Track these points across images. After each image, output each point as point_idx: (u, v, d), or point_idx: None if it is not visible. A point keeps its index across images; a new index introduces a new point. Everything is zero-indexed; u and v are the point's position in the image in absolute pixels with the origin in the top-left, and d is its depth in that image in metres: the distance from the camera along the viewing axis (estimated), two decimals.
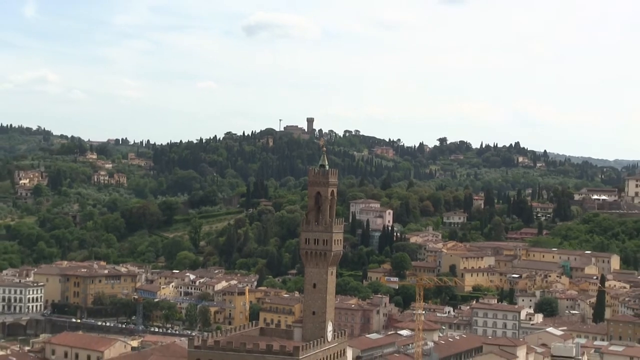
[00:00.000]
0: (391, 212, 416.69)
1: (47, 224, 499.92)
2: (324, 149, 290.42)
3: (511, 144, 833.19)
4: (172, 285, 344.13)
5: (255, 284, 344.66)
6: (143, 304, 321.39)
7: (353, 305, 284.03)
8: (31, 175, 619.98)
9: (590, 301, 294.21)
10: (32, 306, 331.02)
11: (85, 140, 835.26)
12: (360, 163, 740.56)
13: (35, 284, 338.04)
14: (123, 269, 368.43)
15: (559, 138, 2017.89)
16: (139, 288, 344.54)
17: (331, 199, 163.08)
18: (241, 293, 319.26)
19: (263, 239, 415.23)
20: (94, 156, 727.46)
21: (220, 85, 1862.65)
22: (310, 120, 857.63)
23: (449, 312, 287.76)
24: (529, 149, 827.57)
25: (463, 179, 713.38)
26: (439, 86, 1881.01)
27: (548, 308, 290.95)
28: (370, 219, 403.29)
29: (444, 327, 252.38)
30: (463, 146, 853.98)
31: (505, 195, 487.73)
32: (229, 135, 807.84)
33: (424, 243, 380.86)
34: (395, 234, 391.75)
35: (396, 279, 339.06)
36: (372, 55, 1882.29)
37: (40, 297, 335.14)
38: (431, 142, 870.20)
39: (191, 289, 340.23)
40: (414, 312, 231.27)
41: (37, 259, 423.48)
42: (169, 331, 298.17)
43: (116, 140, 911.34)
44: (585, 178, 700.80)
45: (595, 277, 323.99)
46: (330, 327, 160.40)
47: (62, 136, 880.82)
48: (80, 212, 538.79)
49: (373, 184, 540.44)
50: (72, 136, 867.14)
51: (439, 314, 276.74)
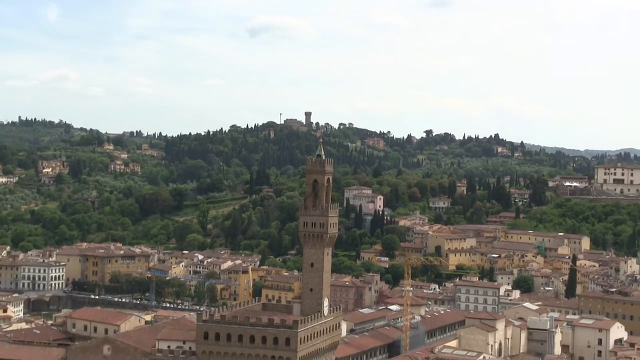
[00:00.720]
0: (382, 198, 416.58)
1: (68, 209, 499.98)
2: (321, 140, 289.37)
3: (491, 136, 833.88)
4: (182, 265, 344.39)
5: (258, 263, 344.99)
6: (155, 281, 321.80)
7: (347, 283, 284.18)
8: (53, 165, 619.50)
9: (562, 279, 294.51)
10: (55, 284, 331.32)
11: (103, 132, 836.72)
12: (354, 153, 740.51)
13: (57, 264, 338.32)
14: (137, 250, 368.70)
15: (535, 130, 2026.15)
16: (152, 267, 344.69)
17: (327, 186, 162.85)
18: (245, 272, 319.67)
19: (265, 223, 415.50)
20: (111, 147, 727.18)
21: (226, 82, 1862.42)
22: (308, 114, 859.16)
23: (434, 289, 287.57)
24: (507, 140, 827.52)
25: (447, 167, 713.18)
26: (425, 83, 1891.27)
27: (524, 285, 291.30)
28: (362, 204, 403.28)
29: (429, 303, 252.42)
30: (447, 138, 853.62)
31: (486, 182, 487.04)
32: (233, 127, 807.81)
33: (412, 226, 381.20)
34: (385, 217, 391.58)
35: (386, 259, 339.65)
36: (365, 54, 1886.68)
37: (62, 276, 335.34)
38: (418, 134, 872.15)
39: (199, 268, 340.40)
40: (403, 289, 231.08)
41: (59, 241, 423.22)
42: (179, 307, 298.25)
43: (131, 133, 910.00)
44: (559, 167, 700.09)
45: (567, 257, 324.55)
46: (326, 303, 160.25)
47: (82, 129, 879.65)
48: (98, 198, 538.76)
49: (365, 172, 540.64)
50: (91, 129, 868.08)
51: (425, 291, 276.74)
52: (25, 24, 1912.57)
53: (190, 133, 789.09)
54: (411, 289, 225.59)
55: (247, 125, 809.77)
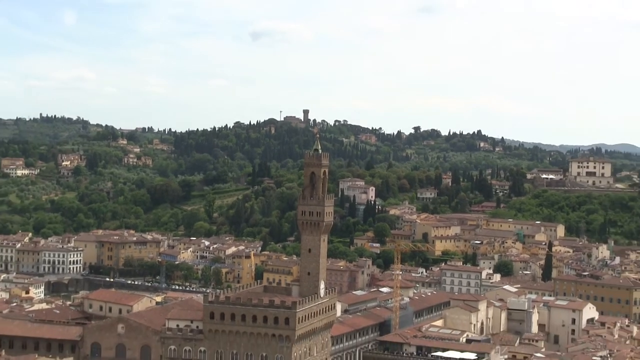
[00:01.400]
0: (373, 189, 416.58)
1: (85, 199, 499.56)
2: (317, 136, 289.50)
3: (474, 132, 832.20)
4: (190, 250, 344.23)
5: (260, 249, 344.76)
6: (165, 266, 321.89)
7: (342, 267, 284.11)
8: (72, 158, 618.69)
9: (539, 263, 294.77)
10: (73, 268, 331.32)
11: (117, 128, 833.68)
12: (348, 148, 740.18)
13: (75, 249, 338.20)
14: (149, 237, 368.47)
15: (514, 126, 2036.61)
16: (162, 252, 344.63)
17: (323, 178, 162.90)
18: (248, 257, 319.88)
19: (266, 211, 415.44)
20: (125, 142, 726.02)
21: (230, 82, 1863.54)
22: (305, 112, 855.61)
23: (421, 273, 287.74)
24: (488, 136, 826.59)
25: (434, 161, 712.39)
26: (414, 83, 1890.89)
27: (505, 269, 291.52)
28: (356, 195, 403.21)
29: (417, 285, 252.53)
30: (434, 133, 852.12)
31: (469, 174, 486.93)
32: (237, 124, 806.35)
33: (401, 215, 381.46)
34: (377, 207, 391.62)
35: (378, 245, 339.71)
36: (358, 56, 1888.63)
37: (80, 260, 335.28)
38: (407, 130, 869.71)
39: (206, 253, 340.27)
40: (393, 273, 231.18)
41: (77, 228, 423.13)
42: (188, 289, 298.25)
43: (143, 129, 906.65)
44: (536, 160, 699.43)
45: (544, 243, 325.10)
46: (322, 285, 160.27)
47: (98, 125, 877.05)
48: (113, 189, 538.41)
49: (358, 165, 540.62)
50: (106, 125, 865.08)
51: (413, 274, 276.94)
52: (45, 28, 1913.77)
53: (197, 129, 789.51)
54: (400, 272, 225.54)
55: (250, 122, 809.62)
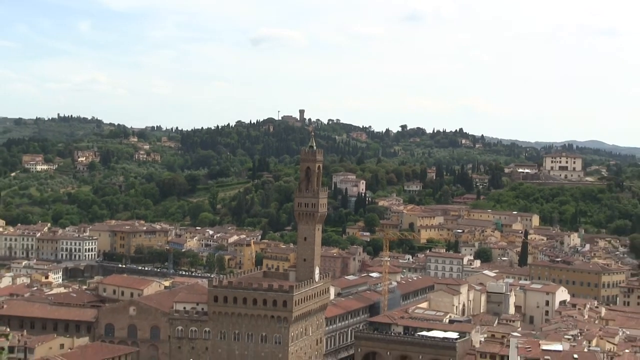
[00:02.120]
0: (364, 182, 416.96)
1: (99, 192, 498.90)
2: (312, 133, 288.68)
3: (456, 130, 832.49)
4: (196, 239, 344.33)
5: (260, 237, 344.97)
6: (173, 253, 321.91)
7: (335, 254, 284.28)
8: (87, 154, 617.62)
9: (516, 250, 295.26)
10: (88, 255, 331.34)
11: (128, 127, 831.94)
12: (340, 144, 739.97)
13: (90, 238, 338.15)
14: (158, 226, 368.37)
15: (493, 125, 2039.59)
16: (170, 241, 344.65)
17: (318, 172, 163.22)
18: (248, 245, 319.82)
19: (265, 203, 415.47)
20: (135, 139, 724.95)
21: (232, 84, 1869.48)
22: (301, 111, 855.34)
23: (408, 259, 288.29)
24: (470, 134, 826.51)
25: (419, 156, 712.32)
26: (401, 84, 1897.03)
27: (484, 255, 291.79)
28: (348, 188, 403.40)
29: (404, 271, 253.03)
30: (419, 131, 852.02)
31: (452, 169, 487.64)
32: (238, 123, 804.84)
33: (390, 206, 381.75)
34: (367, 199, 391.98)
35: (368, 234, 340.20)
36: (349, 60, 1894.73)
37: (94, 248, 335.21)
38: (395, 128, 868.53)
39: (210, 241, 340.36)
40: (382, 259, 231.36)
41: (92, 219, 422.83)
42: (193, 274, 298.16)
43: (152, 127, 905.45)
44: (513, 156, 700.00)
45: (520, 232, 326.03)
46: (317, 271, 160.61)
47: (111, 124, 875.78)
48: (125, 183, 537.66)
49: (350, 160, 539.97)
50: (118, 124, 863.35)
51: (400, 261, 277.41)
52: (62, 35, 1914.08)
53: (202, 127, 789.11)
54: (389, 259, 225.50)
55: (250, 121, 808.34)
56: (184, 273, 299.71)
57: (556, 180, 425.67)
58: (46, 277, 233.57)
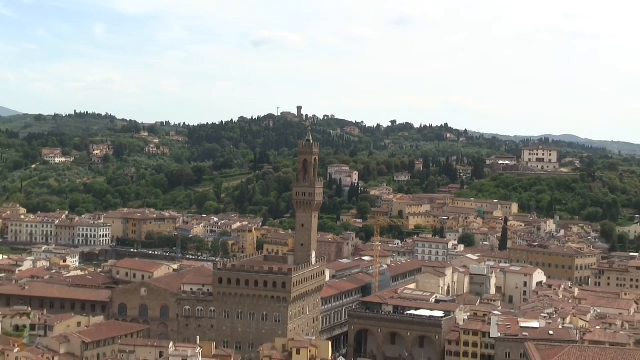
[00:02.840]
0: (357, 173, 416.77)
1: (113, 182, 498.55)
2: (309, 128, 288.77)
3: (442, 125, 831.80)
4: (202, 225, 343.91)
5: (261, 224, 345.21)
6: (181, 238, 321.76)
7: (330, 239, 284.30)
8: (101, 148, 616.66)
9: (497, 235, 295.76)
10: (103, 240, 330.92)
11: (140, 122, 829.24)
12: (335, 138, 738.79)
13: (104, 225, 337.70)
14: (166, 214, 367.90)
15: (476, 120, 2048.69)
16: (178, 227, 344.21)
17: (314, 164, 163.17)
18: (250, 231, 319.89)
19: (266, 192, 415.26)
20: (146, 134, 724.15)
21: (235, 83, 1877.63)
22: (299, 108, 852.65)
23: (397, 244, 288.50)
24: (454, 128, 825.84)
25: (408, 149, 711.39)
26: (390, 82, 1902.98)
27: (467, 240, 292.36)
28: (342, 178, 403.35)
29: (394, 254, 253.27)
30: (408, 126, 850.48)
31: (438, 161, 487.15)
32: (241, 118, 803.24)
33: (380, 195, 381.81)
34: (359, 188, 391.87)
35: (360, 221, 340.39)
36: (344, 61, 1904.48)
37: (108, 234, 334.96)
38: (385, 123, 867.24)
39: (215, 228, 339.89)
40: (373, 244, 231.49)
41: (106, 207, 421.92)
42: (200, 258, 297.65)
43: (161, 122, 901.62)
44: (494, 149, 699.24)
45: (500, 219, 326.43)
46: (314, 255, 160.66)
47: (123, 119, 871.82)
48: (136, 174, 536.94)
49: (344, 153, 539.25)
50: (130, 119, 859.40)
51: (390, 245, 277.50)
52: (79, 38, 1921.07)
53: (207, 123, 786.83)
54: (379, 244, 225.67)
55: (252, 117, 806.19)
56: (190, 257, 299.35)
57: (533, 171, 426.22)
58: (64, 261, 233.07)
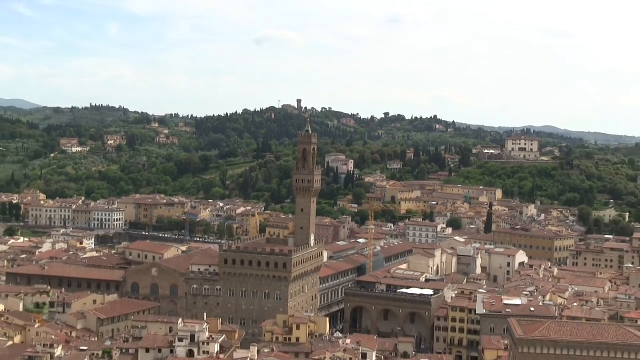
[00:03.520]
0: (352, 162, 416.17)
1: (126, 170, 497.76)
2: (308, 120, 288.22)
3: (431, 116, 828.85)
4: (208, 210, 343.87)
5: (263, 209, 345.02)
6: (189, 222, 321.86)
7: (327, 223, 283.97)
8: (115, 138, 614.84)
9: (482, 219, 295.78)
10: (117, 224, 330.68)
11: (151, 114, 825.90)
12: (332, 129, 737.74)
13: (118, 210, 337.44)
14: (176, 200, 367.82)
15: (463, 112, 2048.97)
16: (186, 212, 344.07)
17: (313, 153, 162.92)
18: (254, 215, 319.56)
19: (268, 179, 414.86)
20: (156, 125, 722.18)
21: (239, 78, 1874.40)
22: (299, 101, 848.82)
23: (390, 227, 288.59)
24: (443, 120, 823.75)
25: (400, 139, 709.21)
26: (384, 77, 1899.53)
27: (455, 224, 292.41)
28: (338, 166, 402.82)
29: (387, 237, 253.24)
30: (400, 118, 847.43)
31: (428, 150, 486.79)
32: (245, 111, 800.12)
33: (374, 182, 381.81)
34: (355, 176, 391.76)
35: (356, 206, 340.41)
36: (341, 57, 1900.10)
37: (122, 218, 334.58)
38: (379, 115, 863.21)
39: (221, 212, 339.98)
40: (368, 227, 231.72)
41: (119, 193, 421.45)
42: (207, 240, 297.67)
43: (171, 115, 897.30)
44: (480, 139, 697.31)
45: (486, 204, 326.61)
46: (312, 237, 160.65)
47: (135, 112, 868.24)
48: (147, 162, 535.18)
49: (340, 143, 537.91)
50: (142, 112, 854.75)
51: (384, 228, 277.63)
52: (94, 37, 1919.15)
53: (213, 115, 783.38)
54: (373, 227, 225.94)
55: (255, 109, 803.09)
56: (198, 240, 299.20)
57: (516, 159, 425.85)
58: (81, 243, 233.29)
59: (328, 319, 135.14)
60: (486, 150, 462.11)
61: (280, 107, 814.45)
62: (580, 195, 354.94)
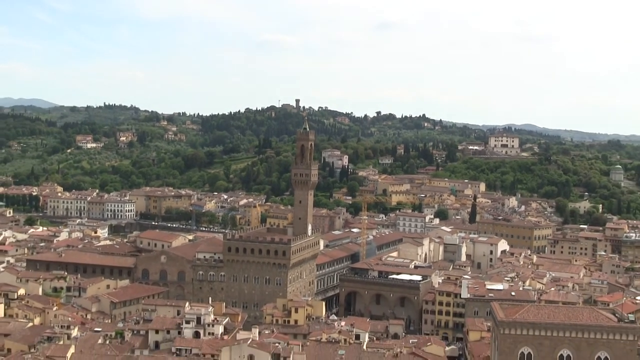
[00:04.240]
0: (347, 157, 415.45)
1: (137, 164, 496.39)
2: (306, 118, 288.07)
3: (420, 115, 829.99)
4: (213, 202, 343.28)
5: (264, 200, 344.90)
6: (195, 213, 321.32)
7: (324, 214, 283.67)
8: (127, 135, 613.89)
9: (467, 210, 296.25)
10: (128, 214, 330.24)
11: (160, 113, 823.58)
12: (328, 127, 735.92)
13: (129, 201, 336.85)
14: (183, 192, 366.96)
15: (449, 111, 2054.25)
16: (193, 204, 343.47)
17: (310, 149, 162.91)
18: (255, 206, 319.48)
19: (269, 173, 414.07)
20: (165, 123, 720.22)
21: (242, 79, 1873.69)
22: (297, 100, 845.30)
23: (382, 218, 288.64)
24: (431, 118, 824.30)
25: (391, 136, 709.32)
26: (375, 79, 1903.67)
27: (442, 215, 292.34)
28: (334, 161, 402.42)
29: (379, 227, 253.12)
30: (391, 116, 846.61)
31: (417, 146, 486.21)
32: (247, 109, 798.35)
33: (367, 175, 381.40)
34: (349, 170, 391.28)
35: (350, 198, 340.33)
36: (335, 60, 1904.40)
37: (133, 209, 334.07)
38: (371, 114, 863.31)
39: (224, 204, 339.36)
40: (361, 218, 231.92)
41: (131, 186, 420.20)
42: (211, 230, 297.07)
43: (178, 113, 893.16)
44: (465, 136, 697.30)
45: (470, 196, 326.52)
46: (310, 227, 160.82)
47: (145, 110, 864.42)
48: (157, 157, 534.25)
49: (336, 139, 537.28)
50: (152, 110, 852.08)
51: (376, 219, 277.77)
52: (106, 40, 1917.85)
53: (218, 113, 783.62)
54: (366, 218, 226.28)
55: (256, 108, 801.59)
56: (204, 229, 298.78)
57: (498, 155, 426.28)
58: (95, 232, 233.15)
59: (324, 303, 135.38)
60: (471, 147, 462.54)
61: (280, 106, 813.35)
62: (557, 188, 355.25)
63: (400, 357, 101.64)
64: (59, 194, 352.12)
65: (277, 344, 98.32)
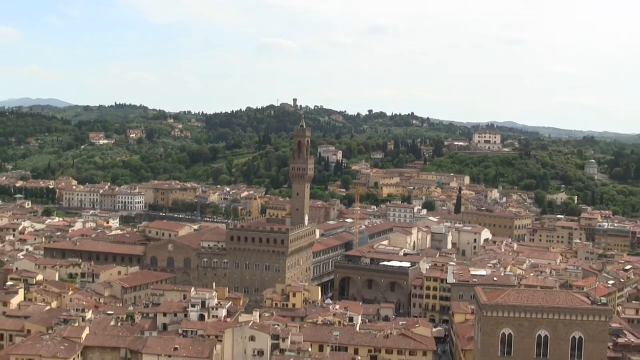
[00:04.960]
0: (341, 152, 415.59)
1: (145, 159, 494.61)
2: (303, 116, 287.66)
3: (409, 113, 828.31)
4: (217, 194, 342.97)
5: (264, 193, 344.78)
6: (200, 205, 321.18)
7: (319, 205, 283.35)
8: (136, 132, 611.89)
9: (452, 202, 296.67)
10: (137, 206, 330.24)
11: (167, 111, 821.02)
12: (323, 124, 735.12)
13: (139, 193, 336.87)
14: (188, 185, 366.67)
15: (436, 109, 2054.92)
16: (198, 196, 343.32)
17: (307, 145, 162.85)
18: (256, 198, 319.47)
19: (268, 167, 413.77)
20: (172, 121, 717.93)
21: (243, 79, 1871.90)
22: (294, 100, 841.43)
23: (373, 209, 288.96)
24: (419, 116, 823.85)
25: (382, 133, 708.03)
26: (367, 79, 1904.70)
27: (429, 206, 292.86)
28: (329, 156, 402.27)
29: (371, 217, 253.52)
30: (382, 114, 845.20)
31: (406, 142, 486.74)
32: (248, 108, 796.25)
33: (360, 169, 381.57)
34: (343, 164, 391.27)
35: (344, 190, 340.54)
36: (330, 61, 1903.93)
37: (142, 201, 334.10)
38: (364, 112, 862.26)
39: (227, 196, 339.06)
40: (354, 209, 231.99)
41: (140, 179, 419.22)
42: (215, 220, 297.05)
43: (184, 111, 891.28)
44: (450, 132, 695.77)
45: (455, 189, 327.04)
46: (306, 217, 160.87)
47: (154, 109, 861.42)
48: (164, 153, 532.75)
49: (330, 136, 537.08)
50: (159, 109, 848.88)
51: (368, 210, 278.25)
52: (116, 44, 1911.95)
53: (221, 111, 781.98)
54: (359, 209, 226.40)
55: (257, 107, 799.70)
56: (208, 219, 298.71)
57: (482, 150, 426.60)
58: (107, 222, 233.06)
59: (320, 288, 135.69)
60: (456, 142, 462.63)
61: (279, 105, 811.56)
62: (536, 181, 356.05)
63: (390, 338, 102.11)
64: (74, 187, 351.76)
65: (276, 326, 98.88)
